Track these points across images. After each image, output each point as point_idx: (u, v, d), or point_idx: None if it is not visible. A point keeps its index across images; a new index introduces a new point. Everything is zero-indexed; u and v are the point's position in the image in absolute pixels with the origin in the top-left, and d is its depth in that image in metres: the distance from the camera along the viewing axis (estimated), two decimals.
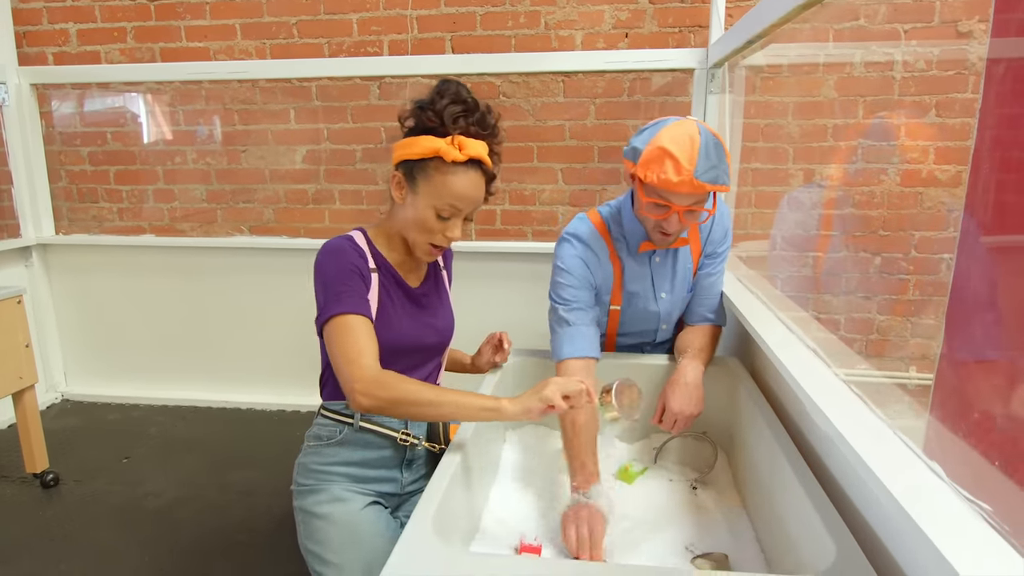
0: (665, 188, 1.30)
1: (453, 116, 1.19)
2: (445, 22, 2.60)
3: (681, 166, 1.26)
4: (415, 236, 1.27)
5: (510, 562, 0.87)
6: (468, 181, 1.22)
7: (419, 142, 1.20)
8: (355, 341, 1.15)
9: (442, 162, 1.19)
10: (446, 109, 1.19)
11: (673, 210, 1.34)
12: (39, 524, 2.01)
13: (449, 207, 1.22)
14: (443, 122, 1.19)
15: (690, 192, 1.29)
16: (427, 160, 1.20)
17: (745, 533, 1.24)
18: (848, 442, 0.86)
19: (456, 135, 1.19)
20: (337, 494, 1.30)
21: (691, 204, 1.34)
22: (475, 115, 1.22)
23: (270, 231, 2.91)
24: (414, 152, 1.21)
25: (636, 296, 1.57)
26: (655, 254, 1.54)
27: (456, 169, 1.20)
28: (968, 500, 0.71)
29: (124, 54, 2.84)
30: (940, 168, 2.40)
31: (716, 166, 1.28)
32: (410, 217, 1.26)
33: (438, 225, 1.24)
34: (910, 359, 2.50)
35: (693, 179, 1.26)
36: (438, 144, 1.18)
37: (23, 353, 2.13)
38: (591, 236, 1.53)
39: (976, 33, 2.27)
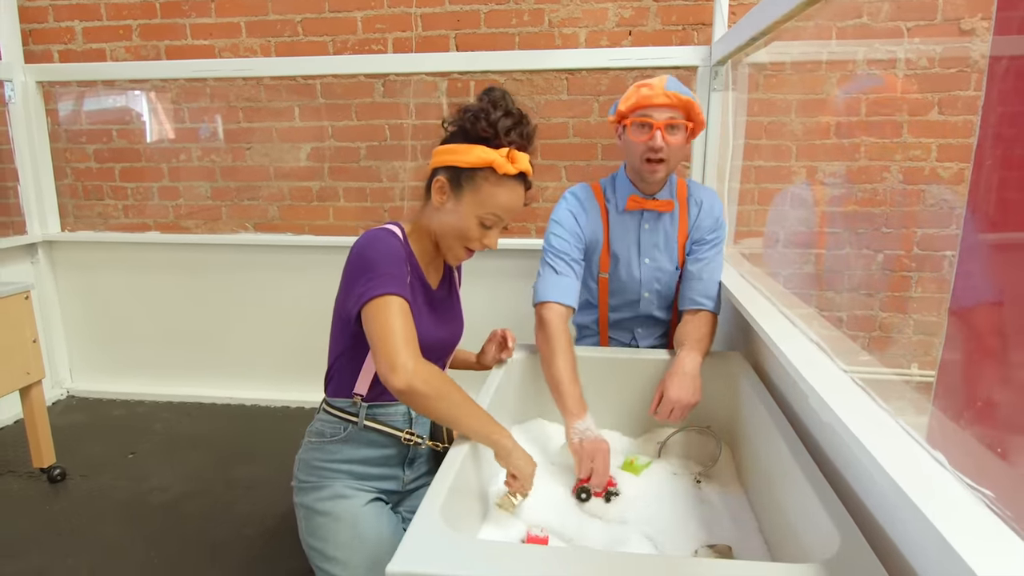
0: (644, 103, 1.52)
1: (507, 128, 1.22)
2: (449, 20, 2.61)
3: (654, 86, 1.52)
4: (452, 241, 1.29)
5: (519, 550, 0.88)
6: (515, 194, 1.25)
7: (472, 152, 1.21)
8: (404, 322, 1.14)
9: (492, 173, 1.22)
10: (500, 121, 1.21)
11: (655, 127, 1.51)
12: (46, 518, 2.03)
13: (493, 216, 1.25)
14: (497, 134, 1.21)
15: (665, 103, 1.51)
16: (477, 170, 1.22)
17: (748, 524, 1.25)
18: (851, 431, 0.87)
19: (511, 149, 1.22)
20: (339, 491, 1.31)
21: (669, 117, 1.52)
22: (523, 127, 1.25)
23: (274, 228, 2.92)
24: (465, 160, 1.22)
25: (621, 260, 1.70)
26: (644, 219, 1.68)
27: (506, 181, 1.23)
28: (971, 487, 0.72)
29: (129, 52, 2.85)
30: (943, 165, 2.40)
31: (682, 88, 1.53)
32: (450, 223, 1.27)
33: (479, 233, 1.27)
34: (912, 356, 2.51)
35: (665, 91, 1.50)
36: (492, 156, 1.20)
37: (30, 349, 2.14)
38: (585, 194, 1.70)
39: (979, 31, 2.28)
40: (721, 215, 1.71)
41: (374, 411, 1.33)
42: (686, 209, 1.69)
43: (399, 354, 1.09)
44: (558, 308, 1.57)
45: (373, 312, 1.14)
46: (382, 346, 1.11)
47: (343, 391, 1.33)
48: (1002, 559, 0.60)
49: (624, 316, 1.78)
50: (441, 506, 0.96)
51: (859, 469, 0.98)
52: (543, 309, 1.57)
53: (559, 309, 1.57)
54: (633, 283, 1.71)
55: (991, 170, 1.13)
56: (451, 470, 1.08)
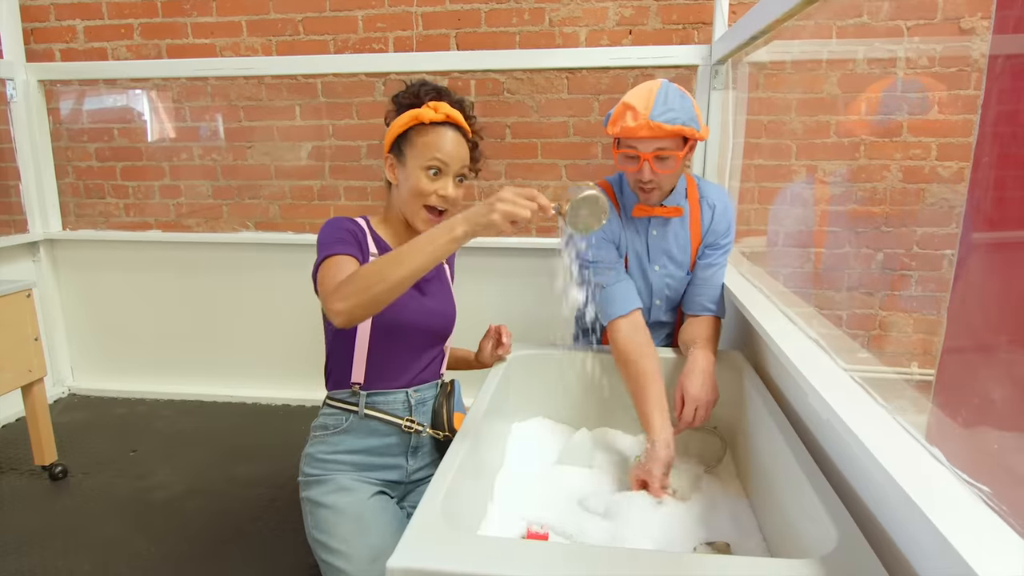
0: (628, 136, 1.41)
1: (426, 91, 1.33)
2: (450, 19, 2.61)
3: (638, 113, 1.38)
4: (412, 205, 1.34)
5: (519, 545, 0.89)
6: (448, 137, 1.31)
7: (399, 119, 1.32)
8: (339, 273, 1.17)
9: (422, 126, 1.30)
10: (420, 89, 1.34)
11: (642, 159, 1.43)
12: (48, 516, 2.03)
13: (434, 160, 1.30)
14: (418, 94, 1.33)
15: (649, 135, 1.38)
16: (409, 130, 1.31)
17: (747, 522, 1.25)
18: (850, 428, 0.88)
19: (430, 101, 1.31)
20: (343, 484, 1.33)
21: (656, 148, 1.41)
22: (448, 95, 1.35)
23: (275, 227, 2.93)
24: (397, 128, 1.32)
25: (635, 264, 1.64)
26: (651, 226, 1.61)
27: (435, 128, 1.30)
28: (968, 483, 0.72)
29: (131, 51, 2.86)
30: (942, 164, 2.41)
31: (674, 109, 1.38)
32: (404, 189, 1.34)
33: (430, 185, 1.31)
34: (912, 355, 2.52)
35: (650, 122, 1.36)
36: (415, 112, 1.30)
37: (32, 346, 2.14)
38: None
39: (979, 30, 2.28)
40: (733, 216, 1.66)
41: (373, 399, 1.35)
42: (698, 212, 1.62)
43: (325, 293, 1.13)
44: (620, 323, 1.51)
45: (319, 277, 1.22)
46: (321, 297, 1.16)
47: (342, 382, 1.37)
48: (998, 554, 0.61)
49: None
50: (442, 501, 0.96)
51: (857, 466, 0.99)
52: (609, 330, 1.54)
53: (621, 323, 1.50)
54: (644, 291, 1.66)
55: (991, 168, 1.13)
56: (452, 466, 1.08)
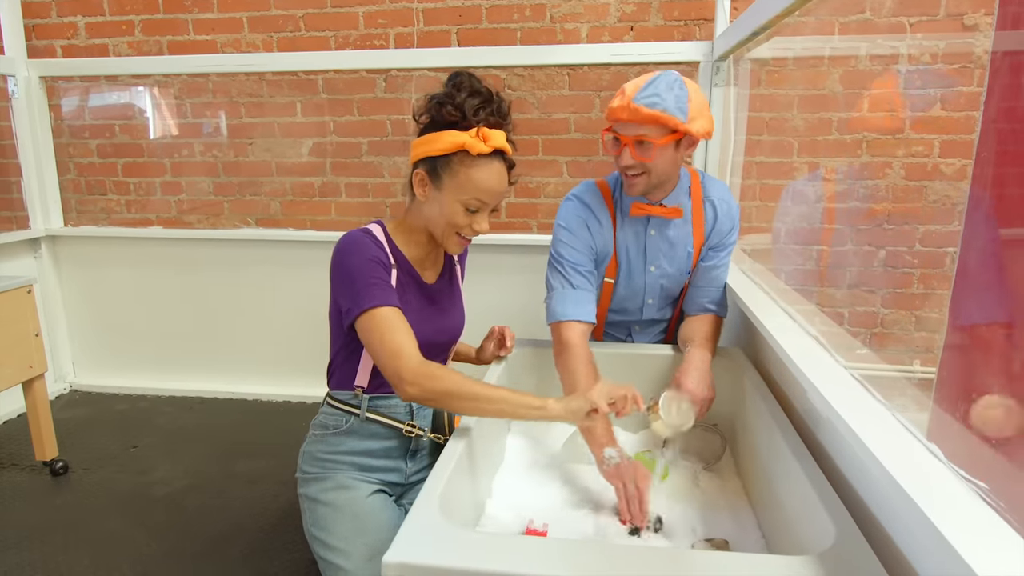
0: (610, 118, 1.39)
1: (474, 108, 1.19)
2: (451, 15, 2.61)
3: (624, 94, 1.35)
4: (442, 230, 1.27)
5: (515, 541, 0.89)
6: (493, 172, 1.22)
7: (442, 138, 1.19)
8: (395, 333, 1.15)
9: (467, 155, 1.19)
10: (466, 102, 1.18)
11: (623, 143, 1.38)
12: (49, 511, 2.04)
13: (476, 200, 1.23)
14: (464, 115, 1.18)
15: (629, 118, 1.34)
16: (451, 155, 1.20)
17: (746, 519, 1.25)
18: (848, 424, 0.87)
19: (480, 127, 1.19)
20: (342, 482, 1.32)
21: (637, 133, 1.36)
22: (493, 105, 1.22)
23: (276, 224, 2.93)
24: (437, 148, 1.20)
25: (627, 266, 1.59)
26: (650, 226, 1.56)
27: (481, 161, 1.20)
28: (965, 479, 0.72)
29: (132, 47, 2.86)
30: (945, 162, 2.40)
31: (659, 95, 1.33)
32: (436, 213, 1.26)
33: (466, 219, 1.25)
34: (914, 353, 2.51)
35: (630, 103, 1.32)
36: (462, 138, 1.18)
37: (33, 342, 2.15)
38: (594, 198, 1.57)
39: (982, 26, 2.27)
40: (738, 215, 1.61)
41: (376, 403, 1.34)
42: (701, 211, 1.56)
43: (398, 371, 1.12)
44: (578, 327, 1.46)
45: (364, 328, 1.17)
46: (381, 361, 1.15)
47: (345, 384, 1.35)
48: (996, 551, 0.61)
49: (623, 319, 1.73)
50: (439, 497, 0.96)
51: (855, 462, 0.98)
52: (562, 329, 1.46)
53: (579, 328, 1.46)
54: (637, 291, 1.63)
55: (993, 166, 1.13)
56: (449, 462, 1.08)
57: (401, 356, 1.12)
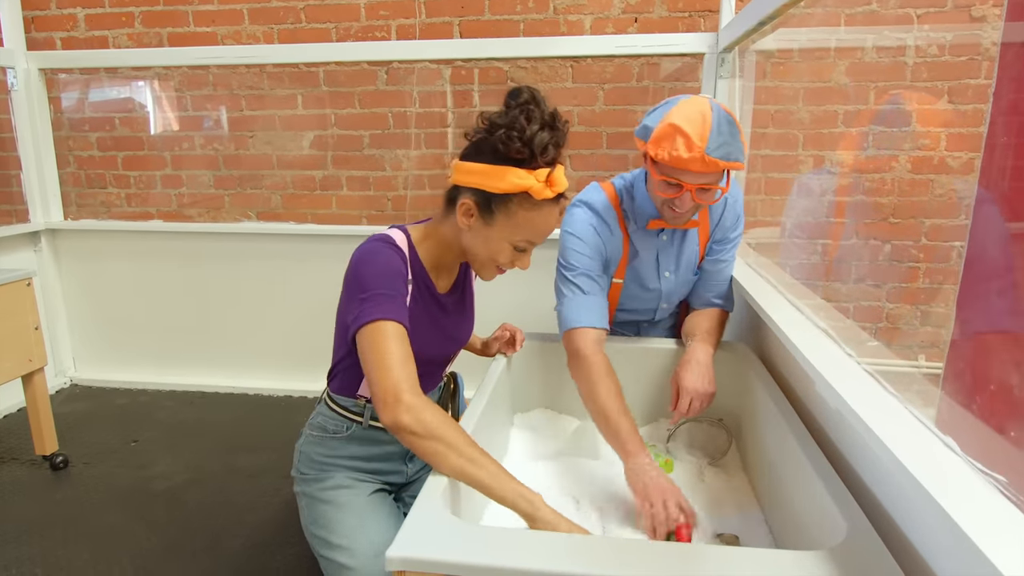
0: (676, 166, 1.27)
1: (543, 146, 1.07)
2: (453, 6, 2.58)
3: (692, 143, 1.23)
4: (483, 264, 1.21)
5: (520, 535, 0.87)
6: (552, 216, 1.14)
7: (505, 177, 1.08)
8: (399, 352, 1.06)
9: (528, 198, 1.10)
10: (536, 137, 1.06)
11: (685, 188, 1.31)
12: (49, 505, 2.03)
13: (527, 242, 1.16)
14: (533, 154, 1.07)
15: (702, 170, 1.27)
16: (511, 196, 1.10)
17: (754, 514, 1.24)
18: (859, 416, 0.86)
19: (549, 172, 1.09)
20: (342, 481, 1.30)
21: (703, 182, 1.31)
22: (560, 136, 1.10)
23: (277, 217, 2.91)
24: (498, 187, 1.09)
25: (639, 273, 1.55)
26: (662, 232, 1.52)
27: (543, 205, 1.11)
28: (983, 472, 0.70)
29: (132, 39, 2.84)
30: (952, 155, 2.37)
31: (728, 143, 1.25)
32: (480, 246, 1.17)
33: (511, 257, 1.18)
34: (920, 347, 2.49)
35: (705, 156, 1.23)
36: (529, 182, 1.07)
37: (32, 336, 2.13)
38: (604, 207, 1.51)
39: (990, 18, 2.25)
40: (742, 209, 1.58)
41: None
42: (706, 213, 1.55)
43: (391, 388, 1.03)
44: (592, 333, 1.41)
45: (366, 339, 1.08)
46: (374, 376, 1.05)
47: (348, 390, 1.31)
48: (1017, 545, 0.59)
49: (633, 319, 1.70)
50: (442, 491, 0.95)
51: (867, 456, 0.97)
52: (575, 337, 1.41)
53: (593, 334, 1.41)
54: (651, 295, 1.60)
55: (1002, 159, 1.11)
56: None
57: (399, 379, 1.04)
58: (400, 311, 1.11)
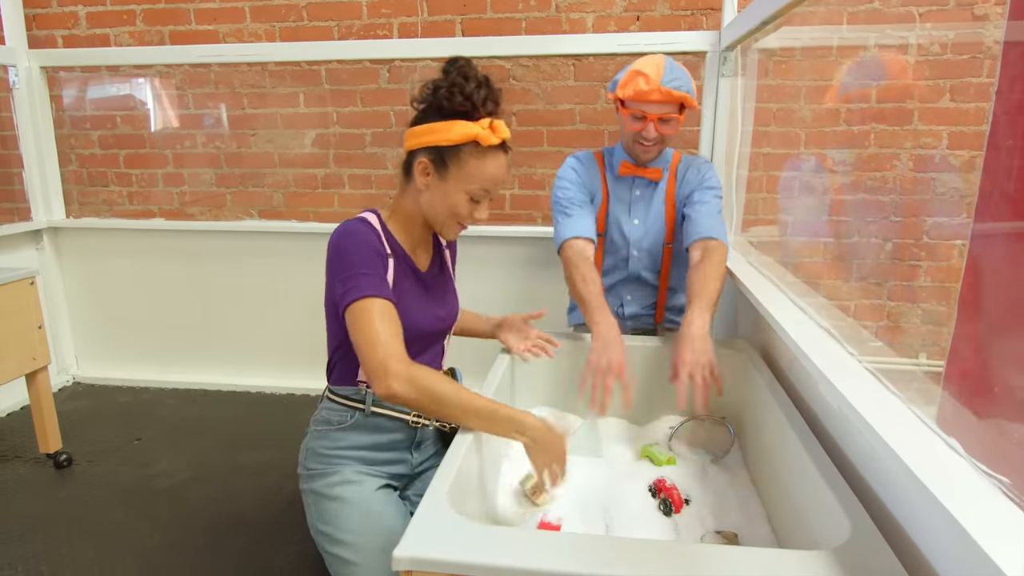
0: (639, 99, 1.61)
1: (483, 99, 1.19)
2: (455, 4, 2.58)
3: (650, 79, 1.58)
4: (443, 218, 1.28)
5: (525, 535, 0.87)
6: (500, 163, 1.24)
7: (452, 128, 1.19)
8: (385, 326, 1.14)
9: (476, 146, 1.20)
10: (475, 93, 1.18)
11: (649, 119, 1.63)
12: (53, 503, 2.03)
13: (482, 191, 1.24)
14: (475, 106, 1.19)
15: (660, 100, 1.59)
16: (460, 146, 1.20)
17: (755, 512, 1.24)
18: (862, 416, 0.86)
19: (491, 120, 1.20)
20: (349, 476, 1.30)
21: (663, 112, 1.62)
22: (496, 93, 1.23)
23: (279, 215, 2.92)
24: (447, 139, 1.19)
25: (612, 219, 1.82)
26: (635, 186, 1.80)
27: (490, 153, 1.21)
28: (986, 474, 0.71)
29: (133, 37, 2.84)
30: (954, 153, 2.38)
31: (679, 78, 1.60)
32: (438, 202, 1.26)
33: (468, 208, 1.26)
34: (921, 346, 2.50)
35: (660, 87, 1.57)
36: (475, 130, 1.18)
37: (36, 334, 2.14)
38: (586, 156, 1.85)
39: (992, 16, 2.25)
40: (708, 169, 1.79)
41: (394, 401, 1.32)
42: (675, 176, 1.80)
43: (379, 361, 1.11)
44: (576, 243, 1.67)
45: (354, 317, 1.15)
46: (364, 353, 1.13)
47: (347, 379, 1.33)
48: (1021, 547, 0.59)
49: (615, 280, 1.86)
50: (448, 490, 0.95)
51: (870, 455, 0.97)
52: (564, 249, 1.69)
53: (577, 243, 1.67)
54: (623, 241, 1.82)
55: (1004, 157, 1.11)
56: (458, 454, 1.07)
57: (387, 350, 1.12)
58: (384, 286, 1.19)
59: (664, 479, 1.30)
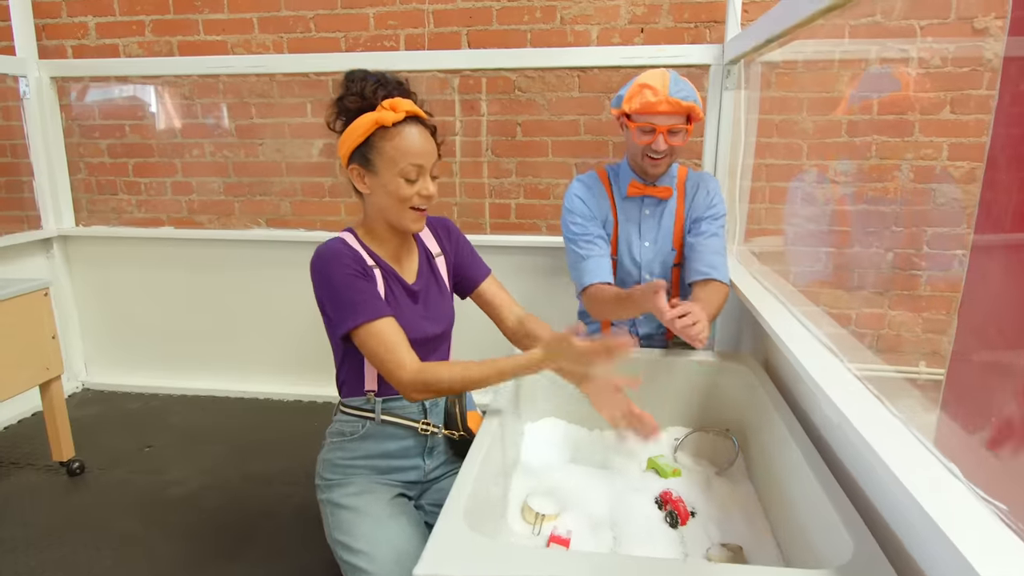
0: (647, 111, 1.60)
1: (372, 89, 1.25)
2: (461, 16, 2.61)
3: (657, 90, 1.59)
4: (396, 211, 1.30)
5: (541, 553, 0.91)
6: (414, 135, 1.25)
7: (357, 126, 1.24)
8: (388, 346, 1.22)
9: (384, 129, 1.23)
10: (364, 87, 1.24)
11: (658, 132, 1.62)
12: (67, 511, 2.07)
13: (410, 166, 1.25)
14: (365, 97, 1.24)
15: (668, 111, 1.59)
16: (371, 136, 1.24)
17: (760, 525, 1.27)
18: (865, 439, 0.89)
19: (389, 101, 1.24)
20: (364, 486, 1.35)
21: (671, 123, 1.61)
22: (391, 84, 1.27)
23: (286, 224, 2.95)
24: (357, 135, 1.24)
25: (623, 243, 1.80)
26: (644, 206, 1.79)
27: (399, 129, 1.24)
28: (984, 500, 0.74)
29: (142, 47, 2.86)
30: (954, 164, 2.41)
31: (685, 89, 1.61)
32: (383, 196, 1.28)
33: (410, 189, 1.27)
34: (920, 355, 2.53)
35: (669, 98, 1.57)
36: (373, 116, 1.22)
37: (49, 345, 2.17)
38: (591, 179, 1.82)
39: (992, 30, 2.27)
40: (716, 192, 1.78)
41: (389, 404, 1.37)
42: (683, 193, 1.80)
43: (393, 378, 1.23)
44: (597, 288, 1.69)
45: (360, 342, 1.25)
46: (382, 372, 1.25)
47: (355, 390, 1.38)
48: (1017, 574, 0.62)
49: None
50: (464, 507, 0.98)
51: (872, 477, 1.00)
52: (584, 296, 1.73)
53: (597, 288, 1.69)
54: (634, 266, 1.81)
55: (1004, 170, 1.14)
56: (471, 471, 1.10)
57: (397, 366, 1.22)
58: (379, 306, 1.26)
59: (670, 491, 1.33)
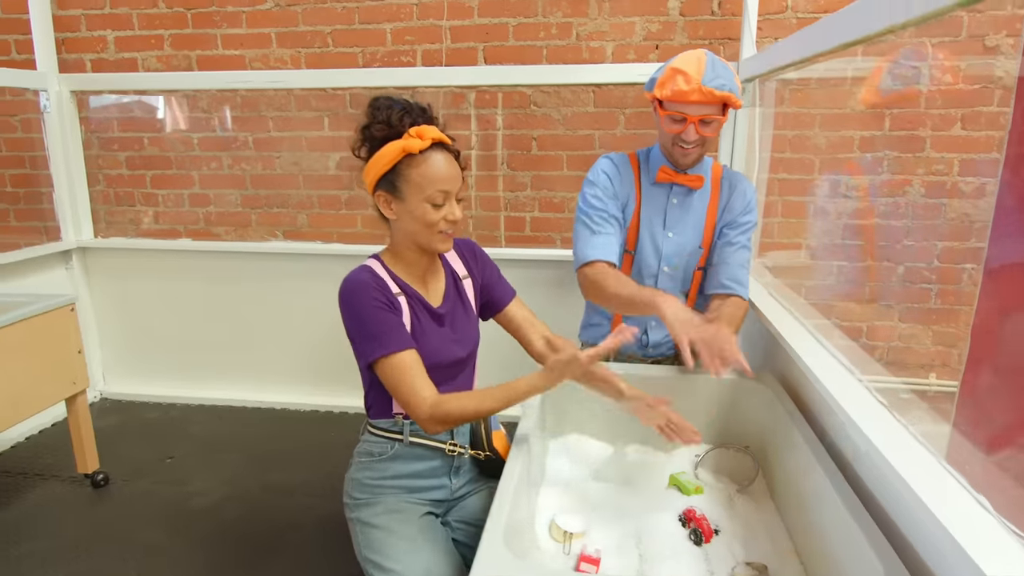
0: (679, 100, 1.50)
1: (399, 116, 1.27)
2: (478, 32, 2.64)
3: (691, 78, 1.47)
4: (424, 235, 1.33)
5: None
6: (440, 161, 1.28)
7: (384, 153, 1.27)
8: (408, 379, 1.27)
9: (411, 157, 1.26)
10: (391, 115, 1.26)
11: (689, 121, 1.52)
12: (93, 523, 2.09)
13: (437, 192, 1.28)
14: (392, 125, 1.26)
15: (700, 100, 1.48)
16: (398, 163, 1.27)
17: (784, 545, 1.29)
18: (894, 468, 0.92)
19: (416, 128, 1.27)
20: (393, 505, 1.38)
21: (704, 113, 1.51)
22: (416, 111, 1.29)
23: (303, 236, 2.98)
24: (384, 163, 1.27)
25: (645, 230, 1.71)
26: (672, 194, 1.69)
27: (425, 157, 1.26)
28: (1015, 534, 0.77)
29: (161, 61, 2.90)
30: (964, 180, 2.44)
31: (722, 76, 1.48)
32: (411, 222, 1.32)
33: (436, 214, 1.30)
34: (931, 366, 2.56)
35: (702, 87, 1.46)
36: (400, 144, 1.25)
37: (75, 359, 2.20)
38: (621, 159, 1.73)
39: (1003, 48, 2.31)
40: (753, 199, 1.71)
41: (417, 427, 1.40)
42: (718, 190, 1.70)
43: (413, 412, 1.28)
44: (602, 266, 1.60)
45: (382, 373, 1.30)
46: (399, 401, 1.31)
47: (384, 412, 1.41)
48: None
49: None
50: (503, 532, 1.01)
51: (900, 503, 1.02)
52: (588, 270, 1.61)
53: (602, 266, 1.60)
54: (655, 255, 1.72)
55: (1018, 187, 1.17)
56: (507, 496, 1.13)
57: (416, 399, 1.26)
58: (402, 338, 1.30)
59: (693, 508, 1.35)
